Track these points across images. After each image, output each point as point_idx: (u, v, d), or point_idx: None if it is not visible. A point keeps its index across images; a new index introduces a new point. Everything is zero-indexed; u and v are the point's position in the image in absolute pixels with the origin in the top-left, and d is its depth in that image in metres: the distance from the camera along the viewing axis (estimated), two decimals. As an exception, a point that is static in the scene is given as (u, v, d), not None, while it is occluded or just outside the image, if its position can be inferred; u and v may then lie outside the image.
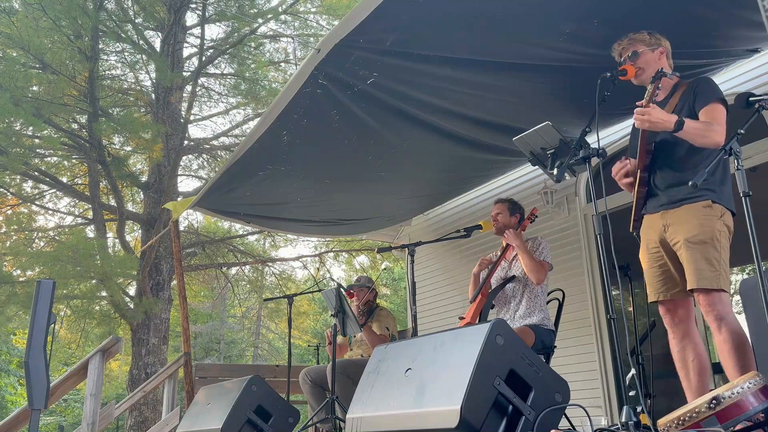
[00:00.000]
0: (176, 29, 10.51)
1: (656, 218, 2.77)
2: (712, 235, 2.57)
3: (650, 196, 2.81)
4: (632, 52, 2.84)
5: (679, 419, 2.05)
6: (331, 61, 3.29)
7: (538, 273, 3.66)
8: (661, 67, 2.69)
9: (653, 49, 2.84)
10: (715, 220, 2.59)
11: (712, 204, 2.62)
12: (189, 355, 5.61)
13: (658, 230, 2.74)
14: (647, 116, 2.53)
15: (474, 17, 3.12)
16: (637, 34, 2.87)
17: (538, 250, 3.79)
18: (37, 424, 3.08)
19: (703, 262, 2.54)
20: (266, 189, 4.98)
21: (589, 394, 4.74)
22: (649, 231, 2.81)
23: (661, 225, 2.73)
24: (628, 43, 2.87)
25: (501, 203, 4.05)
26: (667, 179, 2.74)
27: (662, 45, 2.86)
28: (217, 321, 21.07)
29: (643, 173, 2.78)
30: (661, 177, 2.76)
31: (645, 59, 2.82)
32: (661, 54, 2.84)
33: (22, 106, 7.91)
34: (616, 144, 4.89)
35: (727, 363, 2.49)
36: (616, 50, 2.94)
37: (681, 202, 2.67)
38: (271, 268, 13.93)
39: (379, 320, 4.72)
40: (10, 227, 10.42)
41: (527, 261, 3.68)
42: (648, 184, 2.80)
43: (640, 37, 2.85)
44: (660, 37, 2.87)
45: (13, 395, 17.42)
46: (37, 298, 3.09)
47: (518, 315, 3.76)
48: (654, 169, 2.78)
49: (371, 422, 2.49)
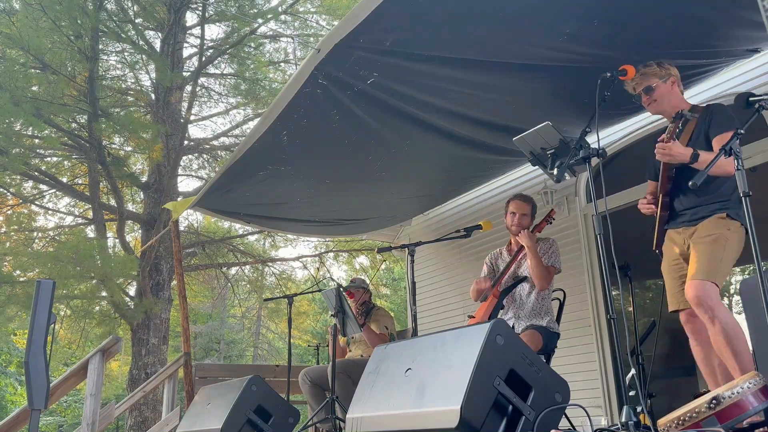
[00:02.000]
0: (176, 29, 10.50)
1: (677, 234, 2.95)
2: (720, 236, 2.72)
3: (672, 217, 2.98)
4: (645, 88, 2.97)
5: (679, 419, 2.05)
6: (331, 61, 3.29)
7: (542, 279, 3.61)
8: (681, 109, 2.85)
9: (665, 80, 2.96)
10: (725, 229, 2.75)
11: (726, 217, 2.78)
12: (189, 355, 5.61)
13: (680, 244, 2.92)
14: (668, 151, 2.70)
15: (474, 17, 3.12)
16: (647, 68, 2.99)
17: (548, 253, 3.72)
18: (37, 424, 3.08)
19: (704, 255, 2.69)
20: (266, 189, 4.98)
21: (589, 394, 4.74)
22: (672, 245, 2.97)
23: (682, 239, 2.91)
24: (641, 78, 2.98)
25: (525, 202, 3.85)
26: (687, 202, 2.92)
27: (672, 74, 3.00)
28: (217, 321, 21.06)
29: (665, 197, 2.97)
30: (681, 201, 2.94)
31: (659, 92, 2.97)
32: (672, 84, 2.98)
33: (22, 106, 7.90)
34: (616, 144, 4.89)
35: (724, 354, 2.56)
36: (629, 85, 3.05)
37: (701, 220, 2.85)
38: (271, 268, 13.93)
39: (377, 319, 4.73)
40: (10, 227, 10.42)
41: (534, 265, 3.62)
42: (670, 207, 2.98)
43: (651, 71, 2.98)
44: (669, 66, 3.00)
45: (13, 395, 17.42)
46: (37, 298, 3.09)
47: (524, 316, 3.72)
48: (676, 194, 2.95)
49: (371, 422, 2.49)
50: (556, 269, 3.72)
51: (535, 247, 3.68)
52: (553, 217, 4.00)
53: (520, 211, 3.82)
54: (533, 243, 3.68)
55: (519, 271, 3.82)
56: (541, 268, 3.62)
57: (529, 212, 3.83)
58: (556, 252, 3.75)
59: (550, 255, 3.72)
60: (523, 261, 3.81)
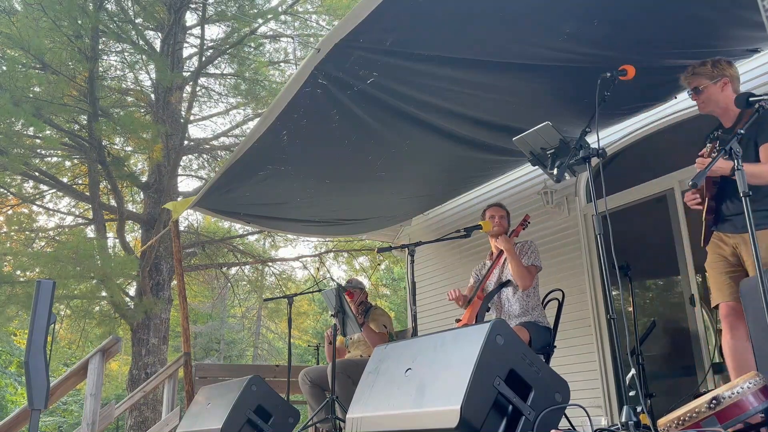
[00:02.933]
0: (176, 29, 10.50)
1: (728, 237, 2.94)
2: None
3: (719, 221, 2.98)
4: (694, 88, 2.97)
5: (679, 419, 2.05)
6: (331, 61, 3.29)
7: (524, 279, 3.73)
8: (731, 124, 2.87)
9: (716, 81, 2.94)
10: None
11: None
12: (189, 355, 5.61)
13: (731, 246, 2.92)
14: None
15: (474, 17, 3.12)
16: (699, 67, 2.97)
17: (527, 254, 3.85)
18: (37, 424, 3.08)
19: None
20: (266, 189, 4.98)
21: (589, 394, 4.74)
22: (722, 245, 2.97)
23: (732, 243, 2.91)
24: (693, 77, 2.98)
25: (501, 208, 4.10)
26: (732, 208, 2.91)
27: (726, 74, 2.95)
28: (217, 321, 21.06)
29: (710, 201, 2.97)
30: (727, 206, 2.93)
31: (707, 94, 2.95)
32: (724, 85, 2.95)
33: (23, 106, 7.90)
34: (616, 144, 4.89)
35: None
36: (683, 80, 3.05)
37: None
38: (271, 268, 13.93)
39: (375, 318, 4.74)
40: (10, 227, 10.42)
41: (515, 267, 3.76)
42: (716, 211, 2.98)
43: (702, 71, 2.96)
44: (724, 66, 2.97)
45: (14, 395, 17.42)
46: (37, 298, 3.09)
47: (513, 316, 3.80)
48: (722, 199, 2.95)
49: (371, 422, 2.49)
50: (538, 267, 3.84)
51: (514, 250, 3.82)
52: (528, 221, 4.15)
53: (498, 214, 4.03)
54: (511, 246, 3.83)
55: (502, 275, 3.93)
56: (521, 269, 3.75)
57: (505, 215, 4.05)
58: (535, 251, 3.88)
59: (530, 255, 3.85)
60: (506, 265, 3.92)
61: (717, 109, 2.96)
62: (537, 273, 3.85)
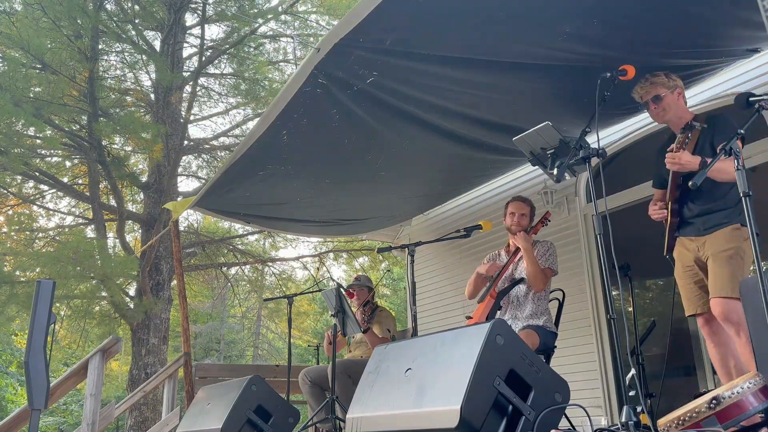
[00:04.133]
0: (176, 29, 10.50)
1: (690, 241, 3.00)
2: (737, 251, 2.79)
3: (683, 224, 3.04)
4: (654, 97, 3.04)
5: (679, 419, 2.05)
6: (330, 61, 3.29)
7: (538, 281, 3.63)
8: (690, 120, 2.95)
9: (672, 90, 3.04)
10: (741, 240, 2.81)
11: (740, 227, 2.83)
12: (189, 355, 5.61)
13: (693, 251, 2.98)
14: (677, 160, 2.78)
15: (474, 17, 3.12)
16: (656, 78, 3.05)
17: (545, 255, 3.73)
18: (37, 424, 3.08)
19: (726, 272, 2.75)
20: (266, 189, 4.98)
21: (589, 394, 4.73)
22: (685, 252, 3.03)
23: (695, 247, 2.97)
24: (650, 86, 3.05)
25: (524, 203, 3.88)
26: (696, 209, 2.97)
27: (678, 85, 3.08)
28: (217, 321, 21.06)
29: (674, 205, 3.03)
30: (691, 207, 3.00)
31: (667, 102, 3.04)
32: (678, 95, 3.07)
33: (23, 106, 7.90)
34: (616, 144, 4.89)
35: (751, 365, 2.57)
36: (637, 92, 3.11)
37: (713, 229, 2.90)
38: (271, 268, 13.92)
39: (379, 321, 4.72)
40: (11, 227, 10.42)
41: (530, 267, 3.64)
42: (679, 214, 3.04)
43: (659, 80, 3.05)
44: (675, 78, 3.08)
45: (14, 395, 17.42)
46: (37, 298, 3.09)
47: (524, 316, 3.73)
48: (685, 201, 3.01)
49: (371, 422, 2.49)
50: (553, 271, 3.73)
51: (532, 250, 3.70)
52: (548, 218, 4.01)
53: (519, 211, 3.85)
54: (529, 245, 3.69)
55: (516, 272, 3.84)
56: (537, 270, 3.63)
57: (527, 213, 3.86)
58: (553, 254, 3.76)
59: (548, 257, 3.73)
60: (520, 263, 3.82)
61: (674, 118, 3.05)
62: (551, 277, 3.73)
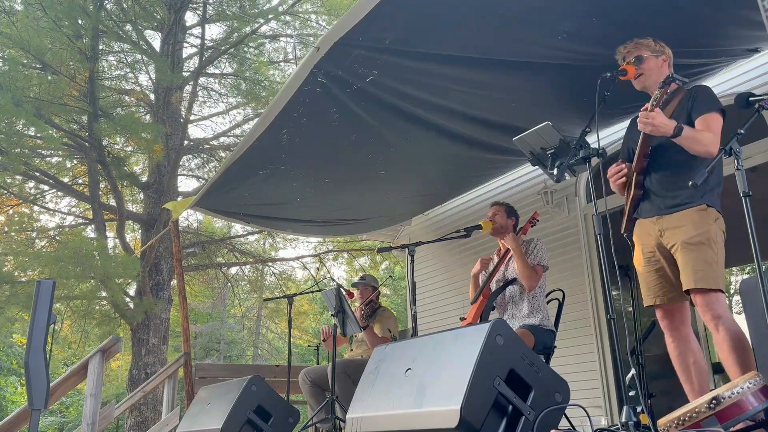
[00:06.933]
0: (176, 29, 10.50)
1: (651, 223, 2.78)
2: (709, 237, 2.60)
3: (644, 199, 2.82)
4: (637, 57, 2.85)
5: (679, 419, 2.05)
6: (330, 60, 3.29)
7: (529, 279, 3.66)
8: (670, 73, 2.70)
9: (657, 55, 2.85)
10: (711, 223, 2.63)
11: (707, 208, 2.65)
12: (189, 355, 5.61)
13: (654, 235, 2.76)
14: (651, 120, 2.55)
15: (473, 16, 3.12)
16: (642, 39, 2.88)
17: (533, 253, 3.77)
18: (37, 424, 3.08)
19: (700, 263, 2.57)
20: (266, 189, 4.98)
21: (589, 394, 4.73)
22: (645, 236, 2.82)
23: (656, 230, 2.75)
24: (634, 47, 2.88)
25: (498, 205, 4.05)
26: (663, 183, 2.76)
27: (665, 53, 2.89)
28: (217, 321, 21.05)
29: (639, 176, 2.80)
30: (657, 180, 2.78)
31: (649, 65, 2.84)
32: (663, 62, 2.87)
33: (23, 106, 7.89)
34: (616, 144, 4.88)
35: (728, 361, 2.51)
36: (620, 53, 2.94)
37: (677, 208, 2.70)
38: (271, 268, 13.92)
39: (380, 321, 4.72)
40: (11, 227, 10.42)
41: (520, 266, 3.68)
42: (644, 187, 2.81)
43: (645, 43, 2.87)
44: (664, 45, 2.90)
45: (14, 395, 17.42)
46: (37, 298, 3.08)
47: (519, 316, 3.75)
48: (650, 173, 2.80)
49: (371, 422, 2.49)
50: (544, 267, 3.76)
51: (520, 249, 3.74)
52: (537, 219, 4.08)
53: (492, 213, 4.00)
54: (518, 245, 3.75)
55: (507, 273, 3.88)
56: (527, 269, 3.67)
57: (500, 212, 3.99)
58: (541, 250, 3.79)
59: (536, 254, 3.77)
60: (510, 263, 3.87)
61: (653, 84, 2.77)
62: (543, 273, 3.76)
